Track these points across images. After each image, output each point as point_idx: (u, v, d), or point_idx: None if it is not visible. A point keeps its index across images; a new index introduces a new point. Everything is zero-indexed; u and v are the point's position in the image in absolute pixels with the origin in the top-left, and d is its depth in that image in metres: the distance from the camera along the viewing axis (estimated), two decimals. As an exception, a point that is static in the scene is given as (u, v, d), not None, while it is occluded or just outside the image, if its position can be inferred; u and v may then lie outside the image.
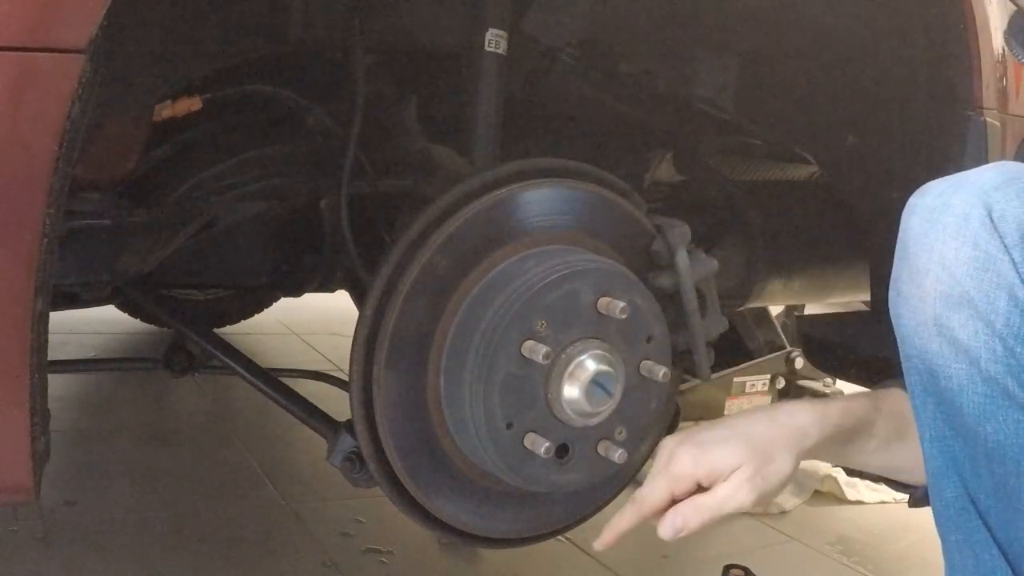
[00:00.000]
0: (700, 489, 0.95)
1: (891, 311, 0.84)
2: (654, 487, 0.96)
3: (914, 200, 0.83)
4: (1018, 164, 0.83)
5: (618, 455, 1.08)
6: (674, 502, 0.95)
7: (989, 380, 0.76)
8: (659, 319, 1.11)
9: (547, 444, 1.02)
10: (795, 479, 2.29)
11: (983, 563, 0.82)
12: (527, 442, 1.03)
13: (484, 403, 1.01)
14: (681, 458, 0.95)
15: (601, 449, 1.09)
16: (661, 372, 1.09)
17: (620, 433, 1.10)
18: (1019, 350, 0.75)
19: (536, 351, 1.00)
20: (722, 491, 0.93)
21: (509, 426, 1.02)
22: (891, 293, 0.84)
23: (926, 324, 0.79)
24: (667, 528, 0.93)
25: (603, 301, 1.05)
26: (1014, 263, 0.75)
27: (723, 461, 0.93)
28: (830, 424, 0.97)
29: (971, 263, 0.76)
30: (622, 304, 1.04)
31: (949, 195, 0.79)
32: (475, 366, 1.02)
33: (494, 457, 1.04)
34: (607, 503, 1.26)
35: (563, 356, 1.03)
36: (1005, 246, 0.75)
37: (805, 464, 2.40)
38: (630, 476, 1.28)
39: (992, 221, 0.76)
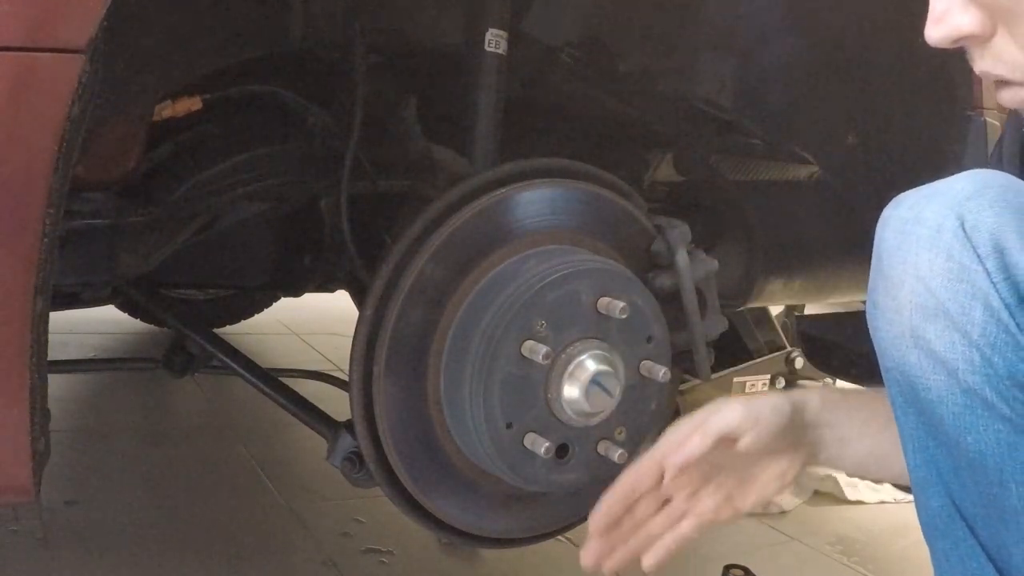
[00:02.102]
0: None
1: (869, 323, 0.84)
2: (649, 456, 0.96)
3: (887, 212, 0.82)
4: (992, 172, 0.82)
5: (618, 455, 1.08)
6: None
7: (968, 391, 0.76)
8: (659, 319, 1.11)
9: (547, 444, 1.02)
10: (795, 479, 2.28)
11: (971, 571, 0.82)
12: (527, 442, 1.03)
13: (484, 403, 1.01)
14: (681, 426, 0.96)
15: (601, 449, 1.09)
16: (661, 372, 1.09)
17: (620, 433, 1.10)
18: (996, 360, 0.75)
19: (536, 351, 1.00)
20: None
21: (509, 426, 1.02)
22: (868, 305, 0.84)
23: (903, 336, 0.79)
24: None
25: (603, 301, 1.05)
26: (988, 273, 0.74)
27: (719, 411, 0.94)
28: (826, 393, 0.99)
29: (945, 274, 0.75)
30: (622, 304, 1.04)
31: (922, 206, 0.79)
32: (475, 366, 1.02)
33: (494, 457, 1.04)
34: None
35: (563, 356, 1.04)
36: (979, 256, 0.75)
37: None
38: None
39: (965, 232, 0.75)
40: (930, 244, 0.76)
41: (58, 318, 1.07)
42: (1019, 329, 0.74)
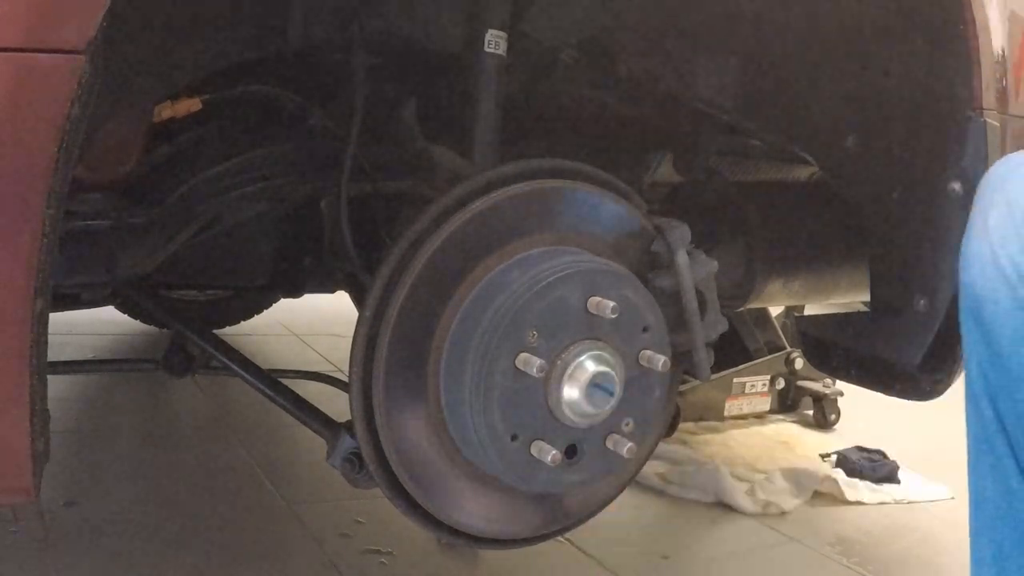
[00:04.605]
0: None
1: (962, 246, 0.91)
2: None
3: (1006, 159, 0.92)
4: None
5: (627, 448, 1.08)
6: None
7: None
8: (652, 307, 1.11)
9: (554, 452, 1.02)
10: (795, 479, 2.30)
11: (1012, 491, 0.87)
12: (534, 451, 1.03)
13: (486, 418, 1.01)
14: None
15: (610, 443, 1.09)
16: (661, 361, 1.09)
17: (627, 425, 1.10)
18: None
19: (530, 364, 1.00)
20: None
21: (514, 438, 1.02)
22: (967, 231, 0.90)
23: (983, 254, 0.86)
24: None
25: (593, 301, 1.04)
26: None
27: None
28: None
29: None
30: (612, 304, 1.04)
31: None
32: (473, 383, 1.02)
33: (503, 469, 1.04)
34: (610, 501, 1.26)
35: (559, 362, 1.03)
36: None
37: (805, 465, 2.41)
38: (631, 475, 1.28)
39: None
40: None
41: (58, 319, 1.07)
42: None
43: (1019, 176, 0.86)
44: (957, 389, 1.06)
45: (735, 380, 2.75)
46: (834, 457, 2.47)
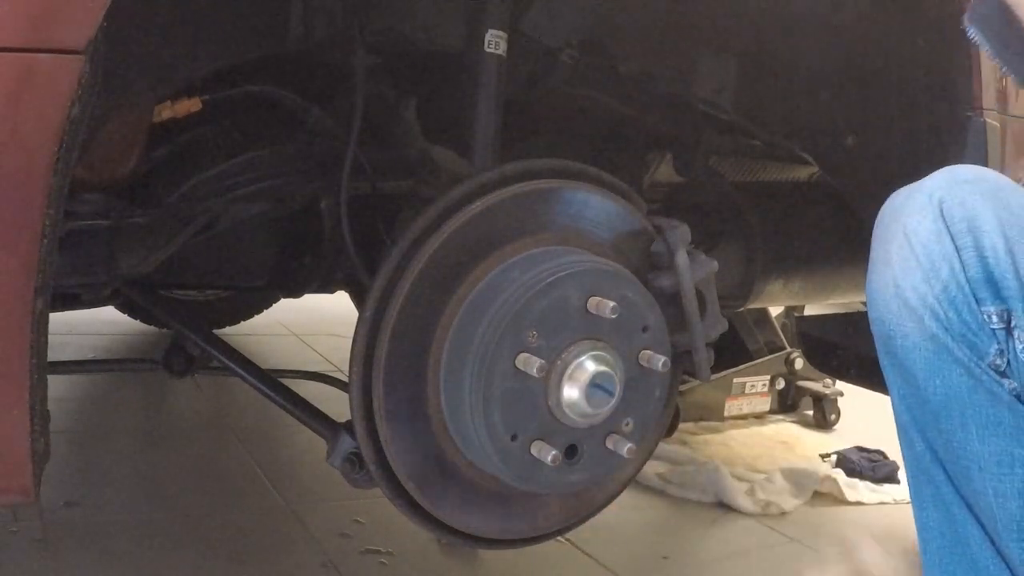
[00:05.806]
0: None
1: (866, 280, 0.92)
2: None
3: (898, 191, 0.93)
4: (985, 169, 0.92)
5: (627, 449, 1.08)
6: None
7: (934, 338, 0.84)
8: (652, 307, 1.11)
9: (554, 452, 1.02)
10: (795, 480, 2.29)
11: (955, 519, 0.87)
12: (534, 451, 1.03)
13: (485, 417, 1.01)
14: None
15: (610, 443, 1.09)
16: (661, 361, 1.09)
17: (627, 425, 1.10)
18: (952, 314, 0.84)
19: (530, 364, 1.00)
20: None
21: (514, 438, 1.02)
22: (870, 266, 0.92)
23: (887, 287, 0.87)
24: None
25: (592, 301, 1.04)
26: (959, 249, 0.84)
27: None
28: None
29: (929, 236, 0.85)
30: (612, 304, 1.04)
31: (923, 182, 0.90)
32: (473, 382, 1.02)
33: (502, 469, 1.04)
34: (610, 501, 1.26)
35: (559, 363, 1.03)
36: (954, 232, 0.84)
37: (805, 465, 2.40)
38: (631, 475, 1.28)
39: (952, 205, 0.85)
40: (921, 209, 0.86)
41: (58, 319, 1.07)
42: (973, 292, 0.83)
43: (913, 206, 0.87)
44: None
45: (735, 380, 2.75)
46: (834, 457, 2.47)
